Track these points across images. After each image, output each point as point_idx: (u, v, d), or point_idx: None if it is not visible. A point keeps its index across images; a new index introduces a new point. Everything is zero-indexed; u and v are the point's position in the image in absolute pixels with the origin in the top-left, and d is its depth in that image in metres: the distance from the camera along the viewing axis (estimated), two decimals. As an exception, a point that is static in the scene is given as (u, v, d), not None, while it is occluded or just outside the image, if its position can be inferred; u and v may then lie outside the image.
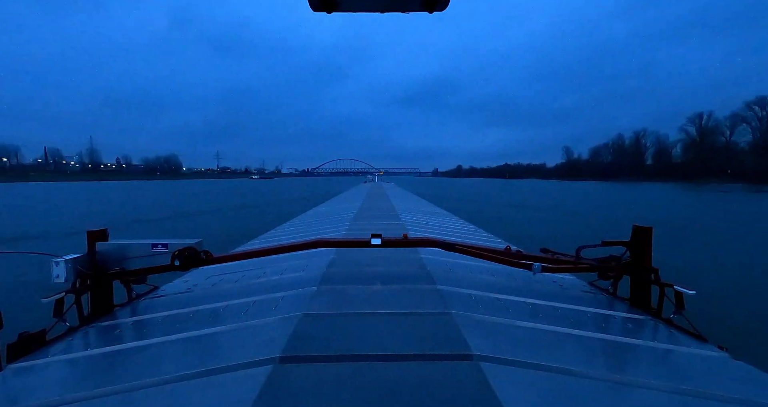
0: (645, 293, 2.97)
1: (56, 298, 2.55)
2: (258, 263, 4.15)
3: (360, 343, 1.95)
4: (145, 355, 2.06)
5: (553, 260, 3.17)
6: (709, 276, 10.22)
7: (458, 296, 2.77)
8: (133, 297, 3.24)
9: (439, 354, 1.83)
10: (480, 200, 42.00)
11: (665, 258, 3.85)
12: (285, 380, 1.60)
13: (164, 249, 2.99)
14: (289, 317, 2.34)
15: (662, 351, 2.19)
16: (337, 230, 6.90)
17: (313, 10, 1.64)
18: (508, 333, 2.21)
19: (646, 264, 2.96)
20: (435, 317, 2.34)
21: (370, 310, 2.45)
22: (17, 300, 7.76)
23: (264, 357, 1.79)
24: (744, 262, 12.23)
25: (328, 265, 3.67)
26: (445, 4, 1.60)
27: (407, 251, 4.27)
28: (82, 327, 2.62)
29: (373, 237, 3.24)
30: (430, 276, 3.28)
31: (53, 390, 1.72)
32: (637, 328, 2.51)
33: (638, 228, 3.01)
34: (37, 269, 9.04)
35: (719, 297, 8.23)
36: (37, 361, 2.10)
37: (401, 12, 1.73)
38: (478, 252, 3.23)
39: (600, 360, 2.00)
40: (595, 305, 2.96)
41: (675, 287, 2.61)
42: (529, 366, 1.78)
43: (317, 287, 2.94)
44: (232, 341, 2.13)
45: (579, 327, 2.38)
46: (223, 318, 2.51)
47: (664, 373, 1.86)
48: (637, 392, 1.64)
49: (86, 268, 2.83)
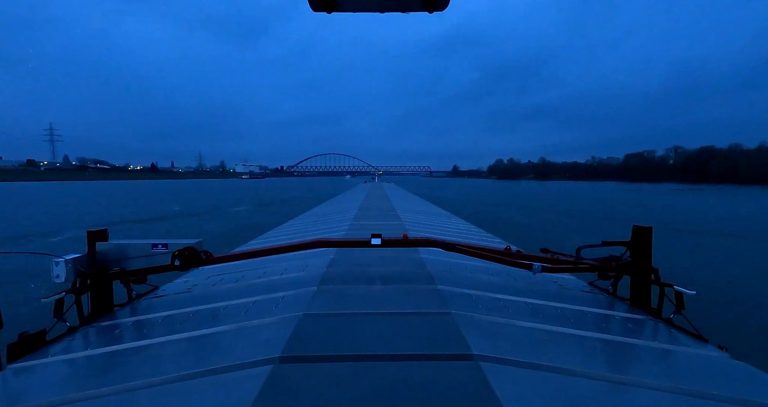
0: (645, 293, 2.96)
1: (56, 298, 2.55)
2: (258, 263, 4.15)
3: (360, 343, 1.95)
4: (145, 355, 2.06)
5: (553, 261, 3.16)
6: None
7: (458, 296, 2.77)
8: (133, 297, 3.24)
9: (439, 354, 1.83)
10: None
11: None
12: (285, 380, 1.60)
13: (164, 249, 2.99)
14: (289, 317, 2.34)
15: (662, 351, 2.19)
16: (337, 230, 6.90)
17: (313, 10, 1.65)
18: (508, 333, 2.20)
19: (646, 264, 2.96)
20: (435, 317, 2.33)
21: (370, 310, 2.44)
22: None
23: (264, 357, 1.79)
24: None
25: (328, 265, 3.67)
26: (446, 3, 1.60)
27: (407, 251, 4.27)
28: (82, 327, 2.62)
29: (373, 237, 3.23)
30: (430, 276, 3.28)
31: (53, 390, 1.72)
32: (637, 328, 2.51)
33: (638, 228, 3.01)
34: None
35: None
36: (38, 361, 2.10)
37: (401, 12, 1.73)
38: (478, 252, 3.23)
39: (600, 360, 2.00)
40: (595, 305, 2.96)
41: (675, 288, 2.61)
42: (529, 366, 1.78)
43: (317, 287, 2.94)
44: (232, 341, 2.13)
45: (579, 327, 2.38)
46: (223, 318, 2.51)
47: (664, 373, 1.86)
48: (637, 392, 1.64)
49: (86, 268, 2.83)
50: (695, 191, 64.38)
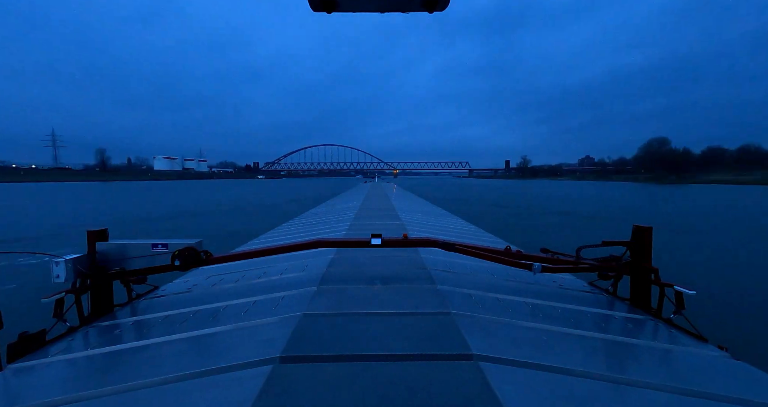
0: (645, 293, 2.97)
1: (56, 298, 2.55)
2: (258, 263, 4.15)
3: (360, 343, 1.95)
4: (145, 355, 2.06)
5: (553, 260, 3.16)
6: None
7: (458, 296, 2.77)
8: (133, 297, 3.24)
9: (439, 354, 1.83)
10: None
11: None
12: (285, 380, 1.60)
13: (164, 249, 2.99)
14: (289, 317, 2.34)
15: (662, 351, 2.19)
16: (337, 230, 6.90)
17: (313, 10, 1.65)
18: (508, 333, 2.20)
19: (646, 264, 2.96)
20: (435, 317, 2.33)
21: (370, 310, 2.45)
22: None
23: (264, 357, 1.79)
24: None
25: (328, 265, 3.67)
26: (446, 3, 1.61)
27: (407, 251, 4.27)
28: (82, 327, 2.62)
29: (373, 237, 3.24)
30: (430, 276, 3.28)
31: (53, 390, 1.72)
32: (638, 328, 2.51)
33: (638, 228, 3.01)
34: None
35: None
36: (37, 361, 2.10)
37: (401, 12, 1.73)
38: (478, 252, 3.23)
39: (600, 360, 2.00)
40: (595, 305, 2.96)
41: (675, 287, 2.61)
42: (529, 366, 1.78)
43: (317, 287, 2.94)
44: (232, 341, 2.13)
45: (579, 327, 2.38)
46: (223, 318, 2.51)
47: (664, 373, 1.86)
48: (637, 392, 1.64)
49: (86, 268, 2.83)
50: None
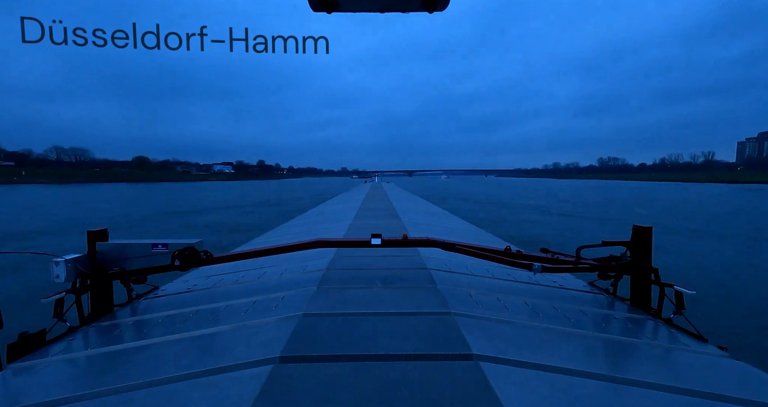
0: (645, 293, 2.97)
1: (56, 298, 2.55)
2: (258, 263, 4.15)
3: (360, 343, 1.95)
4: (145, 355, 2.06)
5: (553, 260, 3.16)
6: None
7: (458, 296, 2.77)
8: (133, 297, 3.24)
9: (439, 354, 1.83)
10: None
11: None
12: (285, 380, 1.60)
13: (164, 249, 2.99)
14: (289, 317, 2.34)
15: (662, 351, 2.19)
16: (337, 230, 6.90)
17: (314, 10, 1.65)
18: (508, 333, 2.21)
19: (646, 264, 2.96)
20: (435, 317, 2.34)
21: (370, 310, 2.45)
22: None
23: (264, 357, 1.79)
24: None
25: (328, 265, 3.67)
26: (446, 3, 1.61)
27: (407, 251, 4.27)
28: (82, 327, 2.62)
29: (373, 237, 3.23)
30: (430, 276, 3.28)
31: (53, 389, 1.72)
32: (637, 328, 2.51)
33: (638, 228, 3.01)
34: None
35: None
36: (37, 361, 2.10)
37: (401, 12, 1.74)
38: (478, 252, 3.23)
39: (600, 360, 2.00)
40: (595, 305, 2.96)
41: (675, 287, 2.61)
42: (529, 366, 1.78)
43: (317, 287, 2.94)
44: (232, 341, 2.13)
45: (579, 327, 2.38)
46: (223, 318, 2.51)
47: (664, 373, 1.86)
48: (637, 392, 1.64)
49: (86, 268, 2.83)
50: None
